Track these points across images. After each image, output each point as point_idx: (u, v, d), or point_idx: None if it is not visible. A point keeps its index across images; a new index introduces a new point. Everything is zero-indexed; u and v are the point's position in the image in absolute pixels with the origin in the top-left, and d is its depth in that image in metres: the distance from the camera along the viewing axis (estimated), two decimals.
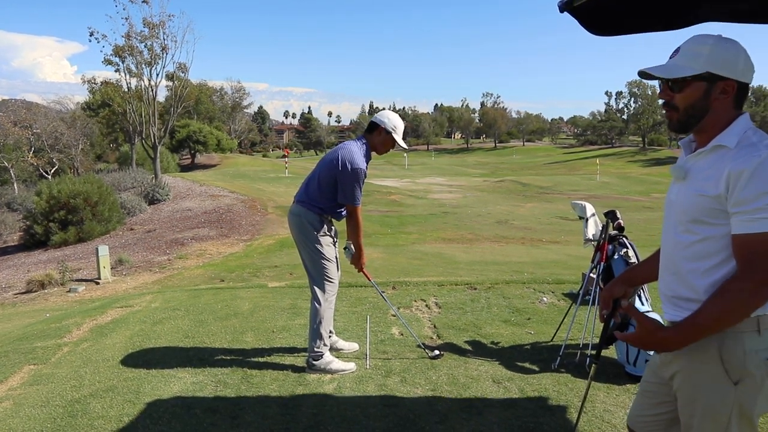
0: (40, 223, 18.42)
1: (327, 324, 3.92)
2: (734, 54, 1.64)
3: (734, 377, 1.61)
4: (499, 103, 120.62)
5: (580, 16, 2.38)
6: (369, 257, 4.80)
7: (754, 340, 1.59)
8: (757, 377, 1.59)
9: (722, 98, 1.65)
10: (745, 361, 1.59)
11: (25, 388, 3.86)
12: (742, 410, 1.62)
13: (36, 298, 11.03)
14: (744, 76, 1.65)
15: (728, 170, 1.56)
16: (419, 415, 3.28)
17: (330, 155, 3.91)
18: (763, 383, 1.60)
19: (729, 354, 1.61)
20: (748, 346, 1.59)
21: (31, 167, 39.64)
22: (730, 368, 1.61)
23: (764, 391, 1.61)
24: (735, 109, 1.67)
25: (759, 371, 1.59)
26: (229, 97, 79.54)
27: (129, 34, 25.97)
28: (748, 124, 1.65)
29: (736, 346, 1.60)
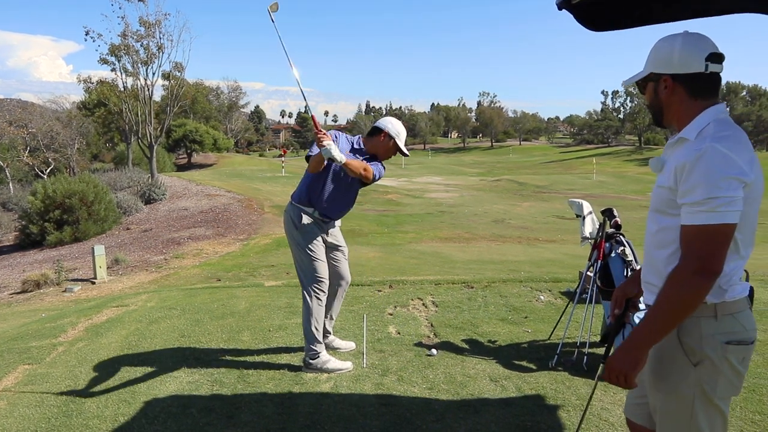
0: (35, 222, 18.36)
1: (319, 323, 3.90)
2: (668, 51, 1.73)
3: (693, 359, 1.68)
4: (495, 102, 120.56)
5: (578, 12, 2.37)
6: (366, 256, 4.79)
7: (711, 324, 1.66)
8: (715, 360, 1.66)
9: (667, 93, 1.76)
10: (702, 344, 1.67)
11: (19, 387, 3.83)
12: (704, 392, 1.68)
13: (31, 297, 10.99)
14: (683, 67, 1.70)
15: (676, 163, 1.65)
16: (416, 414, 3.26)
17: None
18: (721, 366, 1.66)
19: (687, 337, 1.69)
20: (705, 330, 1.67)
21: (26, 167, 39.53)
22: (689, 350, 1.69)
23: (725, 375, 1.67)
24: (694, 100, 1.73)
25: (716, 354, 1.65)
26: (226, 97, 79.36)
27: (125, 33, 25.93)
28: (712, 116, 1.69)
29: (693, 329, 1.68)
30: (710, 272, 1.58)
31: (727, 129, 1.65)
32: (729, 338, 1.66)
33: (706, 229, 1.57)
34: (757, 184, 1.63)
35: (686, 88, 1.73)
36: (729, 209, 1.55)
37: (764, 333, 4.55)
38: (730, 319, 1.67)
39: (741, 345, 1.67)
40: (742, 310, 1.69)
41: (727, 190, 1.55)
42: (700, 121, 1.69)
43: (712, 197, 1.55)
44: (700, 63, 1.68)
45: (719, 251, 1.58)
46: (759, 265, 9.49)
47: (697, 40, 1.71)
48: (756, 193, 1.64)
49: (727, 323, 1.67)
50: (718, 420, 1.72)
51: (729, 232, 1.58)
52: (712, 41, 1.73)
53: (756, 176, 1.61)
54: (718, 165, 1.56)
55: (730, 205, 1.55)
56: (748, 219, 1.65)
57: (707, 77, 1.70)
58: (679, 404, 1.73)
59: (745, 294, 1.71)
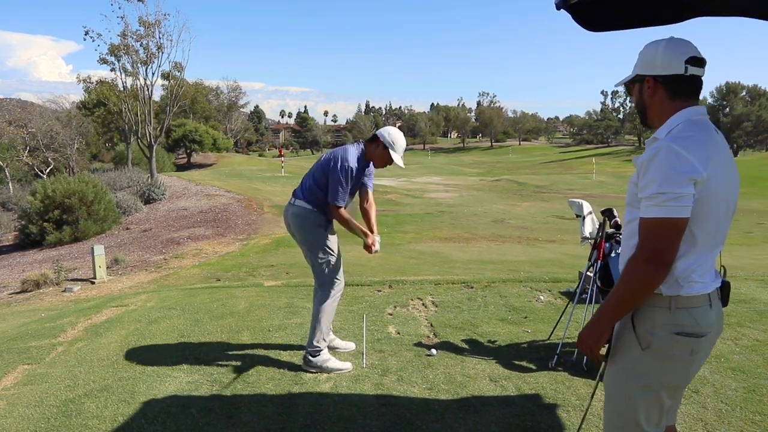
0: (35, 222, 18.33)
1: (330, 320, 3.94)
2: (652, 53, 1.82)
3: (643, 344, 1.81)
4: (495, 102, 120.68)
5: (577, 12, 2.37)
6: (365, 256, 4.79)
7: (665, 315, 1.78)
8: (662, 348, 1.78)
9: (649, 93, 1.86)
10: (653, 331, 1.79)
11: (19, 387, 3.83)
12: (647, 376, 1.82)
13: (31, 297, 10.98)
14: (664, 68, 1.80)
15: (640, 160, 1.77)
16: (416, 414, 3.26)
17: (327, 155, 3.91)
18: (669, 354, 1.78)
19: (640, 322, 1.81)
20: (657, 319, 1.79)
21: (26, 167, 39.53)
22: (640, 335, 1.81)
23: (671, 364, 1.79)
24: (673, 101, 1.83)
25: (664, 343, 1.78)
26: (225, 97, 79.32)
27: (124, 33, 25.91)
28: (684, 117, 1.79)
29: (647, 316, 1.80)
30: (658, 261, 1.70)
31: (692, 130, 1.74)
32: (679, 330, 1.76)
33: (656, 222, 1.69)
34: (716, 183, 1.71)
35: (666, 89, 1.82)
36: (677, 204, 1.66)
37: (763, 333, 4.55)
38: (684, 313, 1.77)
39: (691, 337, 1.77)
40: (698, 305, 1.78)
41: (676, 186, 1.66)
42: (673, 122, 1.80)
43: (662, 192, 1.67)
44: (680, 65, 1.78)
45: (668, 243, 1.70)
46: (759, 265, 9.49)
47: (680, 44, 1.80)
48: (714, 191, 1.72)
49: (680, 316, 1.77)
50: (654, 405, 1.84)
51: (677, 225, 1.68)
52: (694, 46, 1.82)
53: (712, 174, 1.69)
54: (670, 163, 1.67)
55: (678, 201, 1.66)
56: (708, 215, 1.74)
57: (687, 79, 1.80)
58: (622, 382, 1.87)
59: (706, 291, 1.79)
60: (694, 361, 1.81)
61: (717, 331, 1.86)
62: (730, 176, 1.81)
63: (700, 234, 1.75)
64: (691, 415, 3.20)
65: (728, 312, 5.11)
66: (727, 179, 1.78)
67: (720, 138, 1.81)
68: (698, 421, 3.13)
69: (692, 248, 1.76)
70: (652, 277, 1.71)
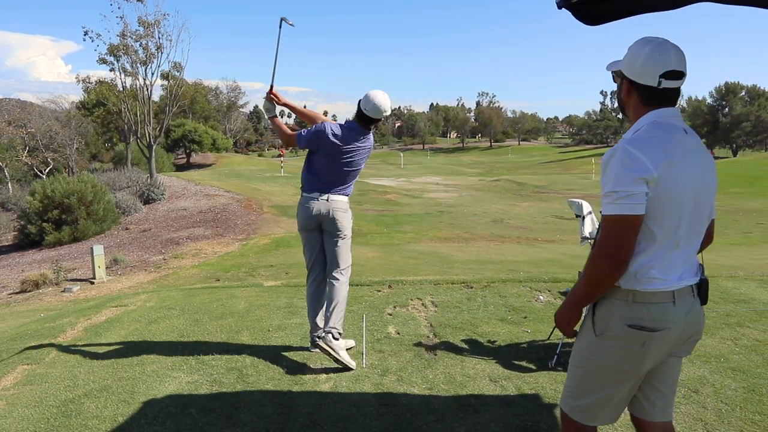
0: (34, 222, 18.32)
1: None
2: (635, 56, 1.87)
3: (597, 331, 1.92)
4: (494, 102, 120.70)
5: (577, 9, 2.39)
6: (365, 256, 4.80)
7: (622, 307, 1.87)
8: (615, 337, 1.88)
9: (625, 93, 1.95)
10: (608, 321, 1.89)
11: (18, 388, 3.83)
12: (598, 359, 1.93)
13: (30, 297, 10.97)
14: (640, 77, 1.87)
15: (602, 161, 1.86)
16: (416, 414, 3.26)
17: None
18: (620, 344, 1.88)
19: (599, 310, 1.93)
20: (614, 310, 1.88)
21: (25, 167, 39.52)
22: (596, 322, 1.93)
23: (624, 353, 1.88)
24: (645, 107, 1.90)
25: (619, 333, 1.87)
26: (225, 97, 79.33)
27: (124, 33, 25.86)
28: (651, 118, 1.87)
29: (606, 306, 1.91)
30: (612, 256, 1.79)
31: (655, 131, 1.83)
32: (632, 322, 1.85)
33: (610, 219, 1.80)
34: (673, 182, 1.78)
35: (639, 95, 1.90)
36: (629, 202, 1.75)
37: (763, 333, 4.55)
38: (641, 307, 1.84)
39: (643, 331, 1.84)
40: (657, 302, 1.84)
41: (627, 185, 1.75)
42: (640, 123, 1.89)
43: (614, 191, 1.78)
44: (654, 78, 1.84)
45: (622, 239, 1.79)
46: (758, 264, 9.50)
47: (661, 55, 1.83)
48: (672, 190, 1.79)
49: (636, 310, 1.85)
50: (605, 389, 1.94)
51: (631, 222, 1.77)
52: (677, 57, 1.83)
53: (669, 174, 1.76)
54: (623, 163, 1.77)
55: (629, 199, 1.75)
56: (667, 213, 1.81)
57: (660, 91, 1.86)
58: (578, 363, 2.01)
59: (668, 288, 1.84)
60: (648, 353, 1.87)
61: (684, 328, 1.90)
62: (700, 176, 1.86)
63: (658, 231, 1.82)
64: (691, 415, 3.20)
65: (728, 312, 5.11)
66: (693, 179, 1.83)
67: (689, 139, 1.87)
68: (698, 421, 3.13)
69: (651, 245, 1.83)
70: (608, 271, 1.81)
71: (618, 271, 1.81)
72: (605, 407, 1.98)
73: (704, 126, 77.04)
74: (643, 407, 2.06)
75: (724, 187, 36.62)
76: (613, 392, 1.95)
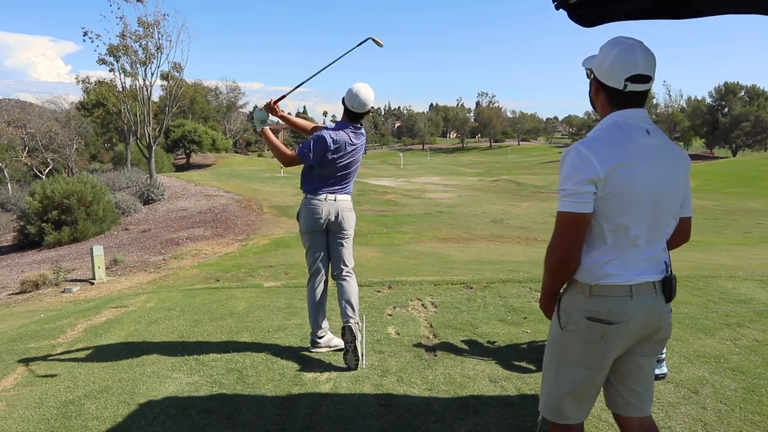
0: (33, 223, 18.32)
1: None
2: (603, 57, 1.91)
3: (561, 323, 2.00)
4: (494, 102, 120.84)
5: (574, 10, 2.40)
6: (365, 257, 4.81)
7: (582, 300, 1.94)
8: (576, 330, 1.95)
9: (594, 91, 2.00)
10: (569, 313, 1.97)
11: (18, 389, 3.83)
12: (563, 351, 2.01)
13: (30, 298, 10.97)
14: (606, 79, 1.90)
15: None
16: (416, 415, 3.27)
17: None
18: (582, 336, 1.94)
19: (562, 303, 2.01)
20: (575, 303, 1.96)
21: (25, 167, 39.52)
22: (561, 314, 2.01)
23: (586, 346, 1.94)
24: (611, 107, 1.94)
25: (580, 325, 1.94)
26: (224, 97, 79.35)
27: (123, 33, 25.87)
28: (612, 119, 1.92)
29: (567, 299, 2.00)
30: (557, 251, 1.90)
31: (612, 132, 1.88)
32: (590, 315, 1.92)
33: (560, 216, 1.88)
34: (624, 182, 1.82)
35: (606, 95, 1.94)
36: (573, 200, 1.83)
37: (763, 333, 4.56)
38: (598, 300, 1.91)
39: (601, 323, 1.90)
40: (614, 295, 1.90)
41: (574, 184, 1.82)
42: (602, 123, 1.95)
43: (562, 189, 1.86)
44: (620, 82, 1.87)
45: (570, 235, 1.88)
46: (757, 264, 9.50)
47: (629, 57, 1.85)
48: (622, 191, 1.83)
49: (594, 303, 1.91)
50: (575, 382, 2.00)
51: (577, 219, 1.85)
52: (644, 62, 1.86)
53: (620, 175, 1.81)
54: (573, 163, 1.84)
55: (574, 197, 1.83)
56: (618, 213, 1.86)
57: (626, 94, 1.89)
58: (549, 351, 2.08)
59: (624, 283, 1.89)
60: (608, 346, 1.93)
61: (645, 324, 1.95)
62: (661, 176, 1.89)
63: (609, 230, 1.88)
64: (691, 415, 3.20)
65: (728, 312, 5.12)
66: (651, 180, 1.86)
67: (652, 140, 1.90)
68: (698, 422, 3.13)
69: (603, 243, 1.89)
70: (556, 265, 1.92)
71: (566, 266, 1.91)
72: (573, 403, 2.03)
73: (704, 126, 77.15)
74: (618, 404, 2.11)
75: (724, 187, 36.65)
76: (580, 387, 2.00)
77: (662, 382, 3.63)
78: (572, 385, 2.00)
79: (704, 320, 4.88)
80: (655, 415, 3.20)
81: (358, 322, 4.05)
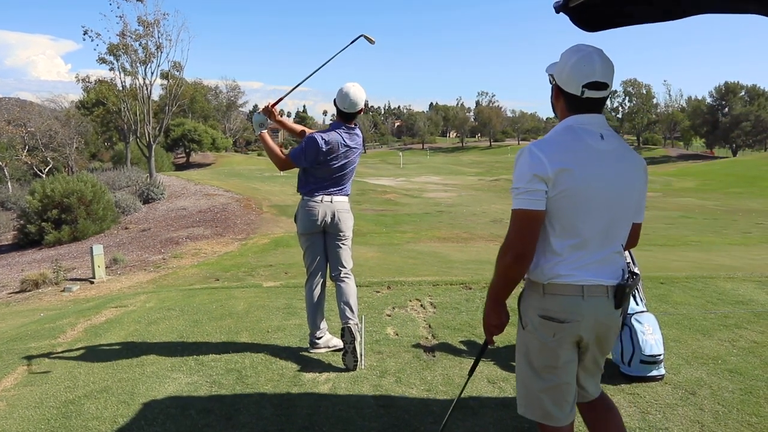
0: (33, 222, 18.34)
1: None
2: (563, 64, 1.96)
3: (523, 324, 2.08)
4: (494, 102, 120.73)
5: (575, 15, 2.41)
6: (364, 256, 4.81)
7: (537, 299, 2.01)
8: (534, 329, 2.03)
9: (554, 96, 2.05)
10: (526, 312, 2.05)
11: (19, 389, 3.84)
12: (528, 352, 2.07)
13: (30, 297, 10.98)
14: (565, 85, 1.96)
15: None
16: (414, 416, 3.28)
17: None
18: (538, 334, 2.01)
19: (521, 304, 2.11)
20: (530, 302, 2.04)
21: (25, 166, 39.52)
22: (521, 315, 2.10)
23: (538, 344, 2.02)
24: (569, 112, 2.00)
25: (532, 324, 2.03)
26: (224, 96, 79.42)
27: (123, 32, 25.92)
28: (567, 123, 1.99)
29: (524, 299, 2.08)
30: (513, 248, 1.93)
31: (564, 136, 1.95)
32: (543, 313, 1.99)
33: (513, 213, 1.93)
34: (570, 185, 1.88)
35: (565, 101, 2.00)
36: (527, 198, 1.89)
37: (761, 335, 4.56)
38: (551, 298, 1.97)
39: (552, 321, 1.97)
40: (566, 294, 1.95)
41: (526, 182, 1.89)
42: (558, 126, 2.01)
43: (516, 187, 1.92)
44: (577, 88, 1.93)
45: (522, 231, 1.92)
46: (757, 265, 9.51)
47: (586, 65, 1.91)
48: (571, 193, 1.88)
49: (547, 301, 1.97)
50: (534, 382, 2.06)
51: (529, 216, 1.90)
52: (602, 69, 1.91)
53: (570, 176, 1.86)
54: (525, 162, 1.91)
55: (526, 195, 1.89)
56: (567, 214, 1.91)
57: (583, 100, 1.95)
58: (517, 355, 2.14)
59: (575, 282, 1.94)
60: (560, 346, 1.99)
61: (595, 326, 1.99)
62: (613, 180, 1.94)
63: (560, 230, 1.93)
64: (688, 417, 3.21)
65: (726, 313, 5.13)
66: (603, 183, 1.92)
67: (605, 144, 1.95)
68: (695, 423, 3.14)
69: (556, 242, 1.94)
70: (511, 262, 1.94)
71: (521, 263, 1.94)
72: (550, 402, 2.05)
73: (704, 126, 77.19)
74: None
75: (724, 187, 36.69)
76: (549, 386, 2.04)
77: (660, 383, 3.64)
78: (542, 383, 2.05)
79: (702, 321, 4.89)
80: (653, 416, 3.22)
81: (357, 323, 4.05)
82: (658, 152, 73.87)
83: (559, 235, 1.94)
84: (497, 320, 2.09)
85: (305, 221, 4.06)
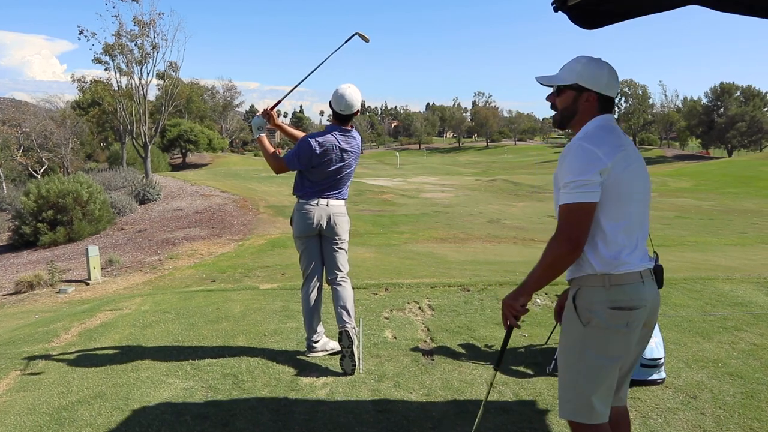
0: (28, 223, 18.24)
1: None
2: (598, 73, 2.10)
3: (584, 321, 2.06)
4: (490, 102, 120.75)
5: (574, 14, 2.39)
6: (361, 257, 4.77)
7: (600, 293, 2.03)
8: (602, 322, 2.02)
9: (586, 105, 2.12)
10: (591, 308, 2.04)
11: (11, 394, 3.78)
12: (588, 348, 2.05)
13: (25, 299, 10.91)
14: (607, 90, 2.12)
15: (561, 156, 2.08)
16: (413, 421, 3.24)
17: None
18: (607, 327, 2.02)
19: (579, 301, 2.08)
20: (594, 297, 2.04)
21: (20, 166, 39.33)
22: (580, 312, 2.07)
23: (613, 336, 2.03)
24: (597, 113, 2.12)
25: (603, 317, 2.02)
26: (221, 96, 79.30)
27: (119, 32, 25.86)
28: (598, 122, 2.09)
29: (585, 296, 2.07)
30: (570, 240, 1.98)
31: (602, 131, 2.05)
32: (613, 305, 2.01)
33: (567, 207, 1.98)
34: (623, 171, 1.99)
35: (600, 104, 2.11)
36: (582, 190, 1.95)
37: (760, 337, 4.54)
38: (617, 289, 2.01)
39: (624, 311, 2.01)
40: (629, 282, 2.02)
41: (582, 175, 1.95)
42: (588, 126, 2.10)
43: (571, 181, 1.97)
44: (616, 90, 2.16)
45: (577, 224, 1.97)
46: (754, 266, 9.51)
47: (614, 72, 2.14)
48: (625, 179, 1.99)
49: (614, 293, 2.01)
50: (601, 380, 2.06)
51: (585, 208, 1.96)
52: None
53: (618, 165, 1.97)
54: (578, 156, 1.98)
55: (584, 187, 1.95)
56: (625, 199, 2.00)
57: (613, 100, 2.15)
58: (573, 359, 2.11)
59: (635, 269, 2.02)
60: (632, 332, 2.05)
61: (653, 307, 2.11)
62: (640, 168, 2.09)
63: (617, 218, 2.00)
64: (690, 421, 3.18)
65: (726, 315, 5.10)
66: (637, 170, 2.06)
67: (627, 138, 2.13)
68: (697, 428, 3.11)
69: (615, 232, 2.01)
70: (566, 254, 1.99)
71: (574, 253, 2.00)
72: (600, 400, 2.08)
73: (699, 126, 77.29)
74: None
75: (719, 187, 36.76)
76: (606, 381, 2.07)
77: (660, 387, 3.61)
78: (600, 380, 2.06)
79: (702, 324, 4.86)
80: (654, 420, 3.19)
81: (354, 327, 4.01)
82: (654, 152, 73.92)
83: (618, 224, 2.01)
84: (514, 305, 2.17)
85: (301, 224, 4.02)
